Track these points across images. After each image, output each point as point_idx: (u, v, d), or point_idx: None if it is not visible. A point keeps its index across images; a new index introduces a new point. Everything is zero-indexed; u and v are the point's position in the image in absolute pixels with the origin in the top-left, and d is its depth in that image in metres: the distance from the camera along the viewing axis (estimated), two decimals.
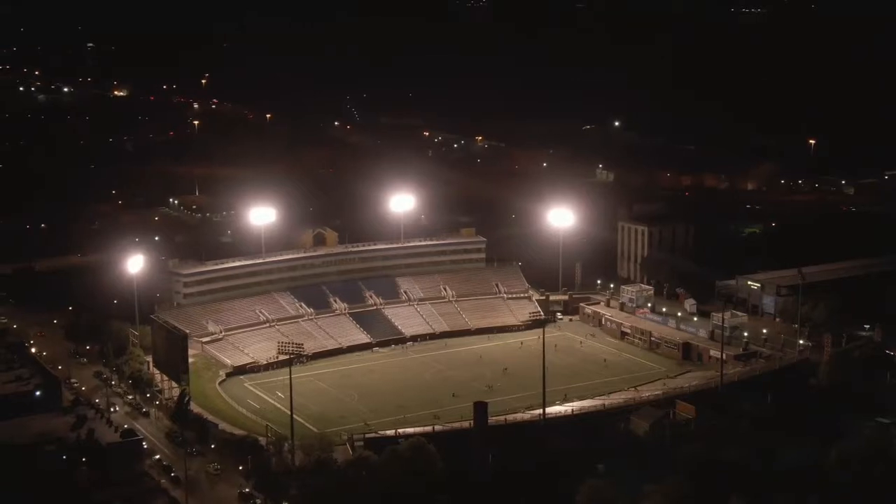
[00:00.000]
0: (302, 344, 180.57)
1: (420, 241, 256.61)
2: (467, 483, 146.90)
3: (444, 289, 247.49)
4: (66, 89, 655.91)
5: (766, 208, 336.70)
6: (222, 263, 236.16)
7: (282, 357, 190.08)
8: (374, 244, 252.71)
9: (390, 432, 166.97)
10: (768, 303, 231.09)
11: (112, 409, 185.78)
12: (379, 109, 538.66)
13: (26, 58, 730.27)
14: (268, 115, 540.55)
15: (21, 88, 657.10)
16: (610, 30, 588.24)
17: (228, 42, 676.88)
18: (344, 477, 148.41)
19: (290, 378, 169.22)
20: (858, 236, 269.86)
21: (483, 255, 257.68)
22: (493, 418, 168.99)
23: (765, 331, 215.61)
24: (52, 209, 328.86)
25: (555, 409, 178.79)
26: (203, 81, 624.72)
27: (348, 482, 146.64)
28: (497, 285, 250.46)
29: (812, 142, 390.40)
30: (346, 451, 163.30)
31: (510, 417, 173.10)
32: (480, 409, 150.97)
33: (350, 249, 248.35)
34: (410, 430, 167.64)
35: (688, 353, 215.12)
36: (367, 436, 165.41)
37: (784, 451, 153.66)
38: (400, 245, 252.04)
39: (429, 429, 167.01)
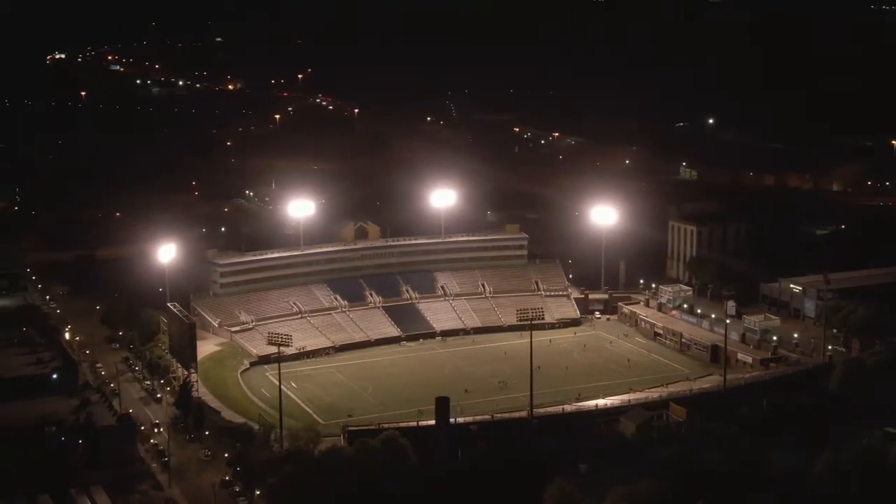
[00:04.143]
0: (290, 335, 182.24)
1: (460, 236, 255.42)
2: (436, 478, 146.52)
3: (482, 285, 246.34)
4: (180, 83, 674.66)
5: (845, 210, 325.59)
6: (260, 254, 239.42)
7: (298, 348, 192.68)
8: (414, 239, 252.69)
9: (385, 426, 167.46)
10: (809, 306, 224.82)
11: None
12: (476, 105, 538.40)
13: (151, 52, 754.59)
14: (356, 110, 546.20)
15: (138, 81, 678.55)
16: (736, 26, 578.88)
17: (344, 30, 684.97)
18: (318, 467, 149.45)
19: (280, 370, 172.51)
20: None
21: (525, 252, 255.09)
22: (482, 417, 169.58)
23: (796, 335, 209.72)
24: (128, 199, 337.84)
25: (554, 409, 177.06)
26: (300, 76, 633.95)
27: (323, 472, 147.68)
28: (537, 282, 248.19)
29: (894, 143, 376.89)
30: (339, 441, 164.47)
31: (497, 415, 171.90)
32: (442, 404, 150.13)
33: (389, 244, 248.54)
34: (407, 424, 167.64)
35: (716, 356, 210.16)
36: (351, 428, 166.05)
37: (772, 457, 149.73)
38: (439, 240, 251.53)
39: (413, 423, 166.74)
